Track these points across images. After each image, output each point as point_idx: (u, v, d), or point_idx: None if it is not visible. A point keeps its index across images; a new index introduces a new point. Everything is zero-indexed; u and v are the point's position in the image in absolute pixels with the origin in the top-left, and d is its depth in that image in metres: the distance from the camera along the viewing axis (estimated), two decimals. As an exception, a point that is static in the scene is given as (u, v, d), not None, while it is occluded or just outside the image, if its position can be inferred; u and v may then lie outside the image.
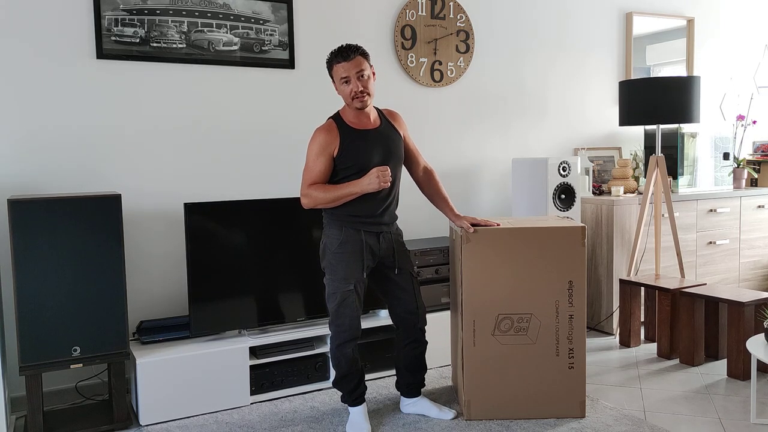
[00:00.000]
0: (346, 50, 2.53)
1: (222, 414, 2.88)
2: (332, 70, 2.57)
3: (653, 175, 3.89)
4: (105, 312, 2.68)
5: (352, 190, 2.54)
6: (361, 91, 2.53)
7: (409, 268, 2.76)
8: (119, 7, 3.05)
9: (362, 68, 2.54)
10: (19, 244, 2.53)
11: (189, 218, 2.93)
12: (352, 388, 2.70)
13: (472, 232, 2.69)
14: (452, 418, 2.78)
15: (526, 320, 2.75)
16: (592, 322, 4.11)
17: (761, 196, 4.62)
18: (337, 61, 2.54)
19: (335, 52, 2.55)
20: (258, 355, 3.02)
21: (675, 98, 3.76)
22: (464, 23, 3.99)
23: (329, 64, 2.58)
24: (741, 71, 5.22)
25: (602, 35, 4.53)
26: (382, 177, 2.51)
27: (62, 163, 3.01)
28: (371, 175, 2.52)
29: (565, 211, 3.76)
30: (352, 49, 2.53)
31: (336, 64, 2.54)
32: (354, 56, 2.53)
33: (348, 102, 2.58)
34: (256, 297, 3.09)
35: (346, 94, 2.56)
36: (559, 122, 4.40)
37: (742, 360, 3.19)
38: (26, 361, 2.58)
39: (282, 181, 3.51)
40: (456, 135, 4.03)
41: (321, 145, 2.56)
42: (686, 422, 2.73)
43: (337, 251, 2.61)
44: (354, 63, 2.52)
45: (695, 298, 3.40)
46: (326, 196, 2.56)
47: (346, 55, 2.52)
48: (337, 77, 2.56)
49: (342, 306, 2.62)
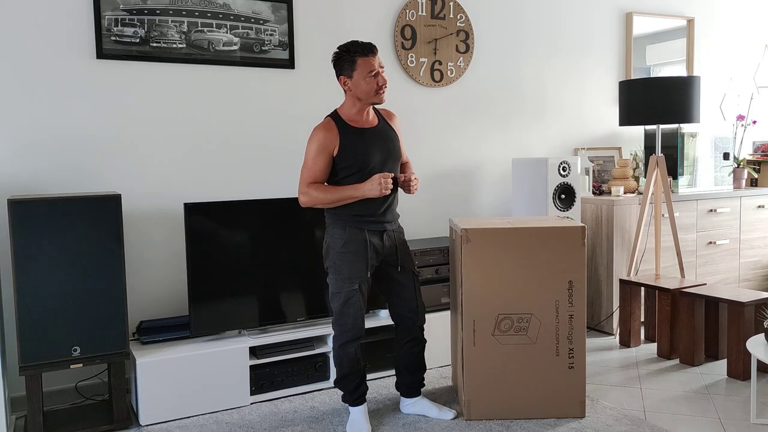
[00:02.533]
0: (371, 45, 2.57)
1: (222, 414, 2.88)
2: (355, 63, 2.54)
3: (653, 175, 3.89)
4: (105, 312, 2.68)
5: (353, 194, 2.55)
6: (384, 85, 2.58)
7: (410, 266, 2.76)
8: (119, 7, 3.05)
9: (382, 63, 2.59)
10: (19, 244, 2.53)
11: (189, 218, 2.93)
12: (353, 388, 2.70)
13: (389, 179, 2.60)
14: (452, 418, 2.78)
15: (526, 320, 2.74)
16: (592, 322, 4.11)
17: (761, 196, 4.62)
18: (364, 55, 2.54)
19: (358, 46, 2.55)
20: (258, 355, 3.02)
21: (675, 98, 3.75)
22: (464, 23, 3.98)
23: (349, 57, 2.54)
24: (741, 71, 5.22)
25: (602, 35, 4.53)
26: (384, 184, 2.52)
27: (62, 163, 3.01)
28: (373, 180, 2.53)
29: (565, 211, 3.76)
30: (374, 45, 2.58)
31: (363, 57, 2.54)
32: (376, 51, 2.58)
33: (367, 96, 2.57)
34: (256, 297, 3.09)
35: (370, 88, 2.56)
36: (559, 122, 4.40)
37: (742, 360, 3.19)
38: (26, 361, 2.58)
39: (282, 181, 3.51)
40: (456, 135, 4.03)
41: (320, 144, 2.56)
42: (686, 422, 2.73)
43: (341, 251, 2.61)
44: (377, 57, 2.57)
45: (695, 298, 3.40)
46: (326, 197, 2.56)
47: (372, 49, 2.56)
48: (362, 71, 2.54)
49: (346, 306, 2.62)
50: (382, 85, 2.57)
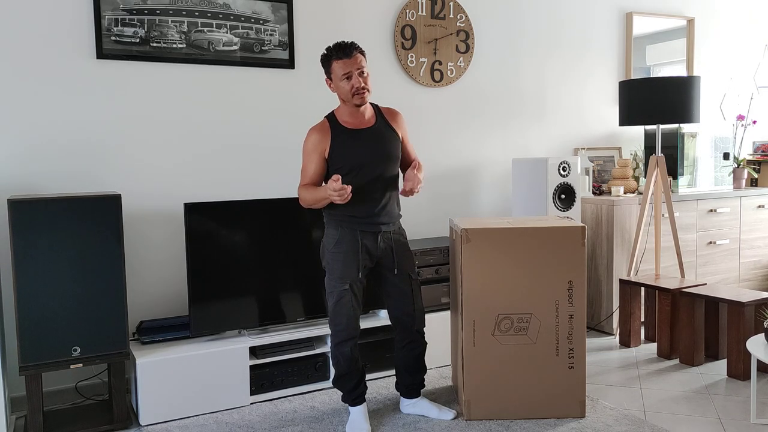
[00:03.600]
0: (347, 47, 2.52)
1: (222, 414, 2.88)
2: (330, 66, 2.55)
3: (653, 175, 3.89)
4: (105, 312, 2.68)
5: (323, 194, 2.50)
6: (362, 87, 2.53)
7: (408, 269, 2.74)
8: (119, 7, 3.05)
9: (362, 65, 2.54)
10: (19, 244, 2.53)
11: (189, 218, 2.93)
12: (352, 388, 2.70)
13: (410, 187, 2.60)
14: (452, 419, 2.78)
15: (526, 320, 2.74)
16: (592, 322, 4.11)
17: (761, 196, 4.62)
18: (337, 57, 2.52)
19: (333, 48, 2.53)
20: (258, 355, 3.02)
21: (675, 98, 3.75)
22: (464, 23, 3.98)
23: (327, 60, 2.56)
24: (741, 71, 5.22)
25: (602, 35, 4.53)
26: (338, 195, 2.41)
27: (62, 163, 3.01)
28: (328, 187, 2.43)
29: (565, 211, 3.76)
30: (352, 46, 2.53)
31: (336, 60, 2.52)
32: (354, 53, 2.53)
33: (347, 98, 2.56)
34: (256, 297, 3.09)
35: (345, 91, 2.54)
36: (559, 122, 4.40)
37: (742, 360, 3.19)
38: (26, 361, 2.58)
39: (282, 181, 3.51)
40: (456, 135, 4.03)
41: (312, 145, 2.58)
42: (686, 422, 2.73)
43: (333, 250, 2.62)
44: (354, 60, 2.52)
45: (695, 298, 3.40)
46: (307, 198, 2.58)
47: (347, 51, 2.51)
48: (337, 74, 2.53)
49: (338, 305, 2.62)
50: (358, 87, 2.52)
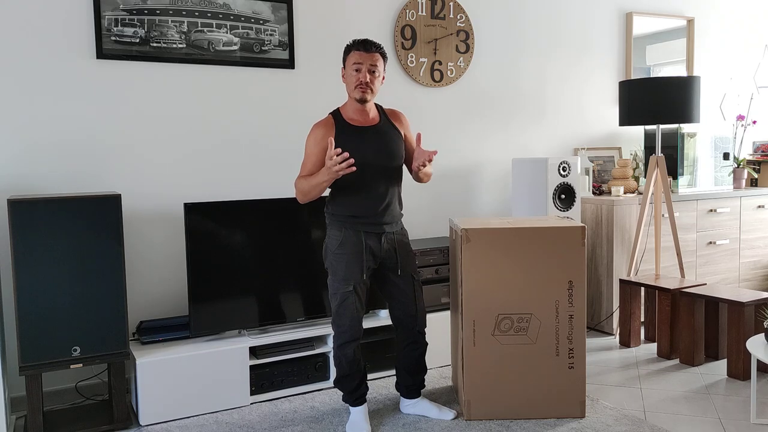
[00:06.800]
0: (369, 43, 2.59)
1: (222, 414, 2.88)
2: (347, 54, 2.61)
3: (653, 175, 3.89)
4: (105, 312, 2.68)
5: (320, 179, 2.49)
6: (366, 83, 2.56)
7: (411, 270, 2.74)
8: (119, 7, 3.05)
9: (377, 64, 2.59)
10: (19, 244, 2.53)
11: (189, 218, 2.93)
12: (353, 388, 2.70)
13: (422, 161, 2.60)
14: (452, 419, 2.78)
15: (526, 320, 2.74)
16: (592, 322, 4.11)
17: (761, 196, 4.62)
18: (356, 48, 2.58)
19: (358, 40, 2.60)
20: (258, 355, 3.02)
21: (675, 98, 3.75)
22: (464, 23, 3.98)
23: (348, 49, 2.62)
24: (741, 71, 5.22)
25: (602, 35, 4.53)
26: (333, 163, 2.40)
27: (62, 163, 3.01)
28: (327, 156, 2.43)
29: (565, 211, 3.76)
30: (375, 45, 2.60)
31: (354, 50, 2.58)
32: (374, 51, 2.58)
33: (350, 90, 2.60)
34: (256, 297, 3.09)
35: (351, 81, 2.58)
36: (559, 122, 4.40)
37: (742, 360, 3.19)
38: (26, 361, 2.58)
39: (282, 181, 3.51)
40: (456, 135, 4.03)
41: (316, 140, 2.59)
42: (686, 422, 2.73)
43: (336, 252, 2.62)
44: (371, 56, 2.57)
45: (695, 298, 3.40)
46: (302, 186, 2.57)
47: (367, 46, 2.58)
48: (349, 62, 2.59)
49: (342, 307, 2.62)
50: (363, 82, 2.55)
